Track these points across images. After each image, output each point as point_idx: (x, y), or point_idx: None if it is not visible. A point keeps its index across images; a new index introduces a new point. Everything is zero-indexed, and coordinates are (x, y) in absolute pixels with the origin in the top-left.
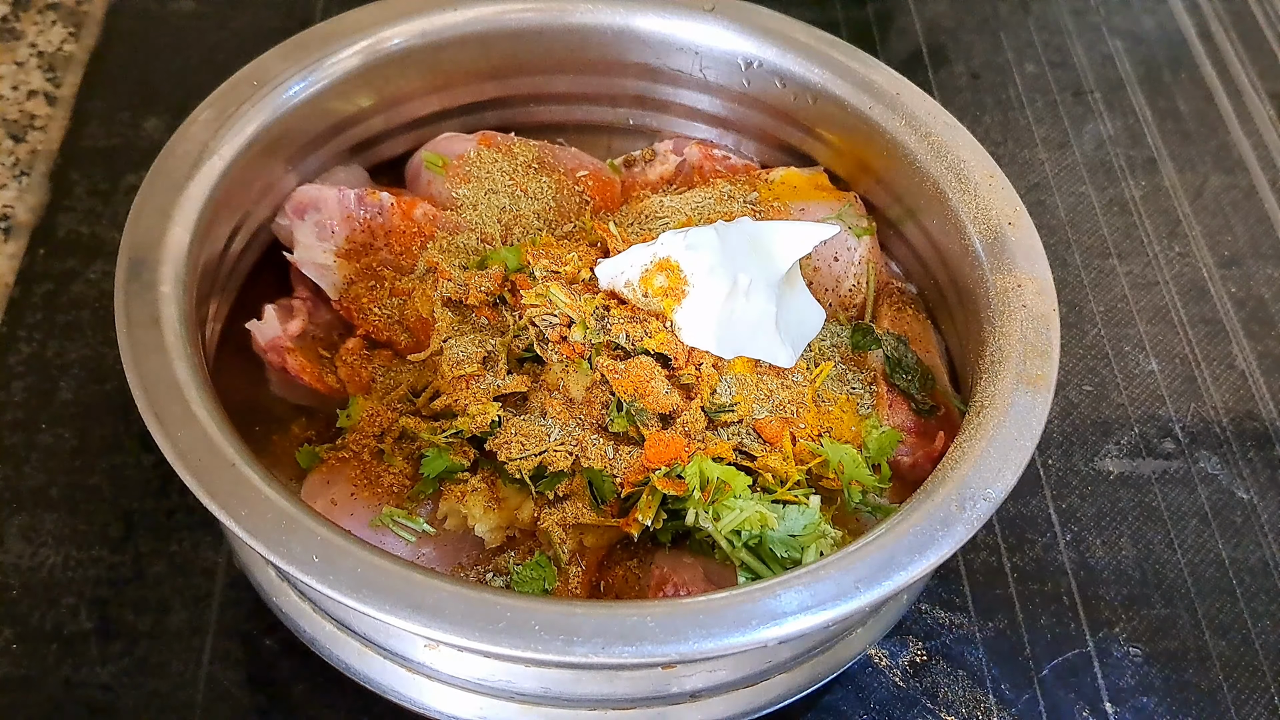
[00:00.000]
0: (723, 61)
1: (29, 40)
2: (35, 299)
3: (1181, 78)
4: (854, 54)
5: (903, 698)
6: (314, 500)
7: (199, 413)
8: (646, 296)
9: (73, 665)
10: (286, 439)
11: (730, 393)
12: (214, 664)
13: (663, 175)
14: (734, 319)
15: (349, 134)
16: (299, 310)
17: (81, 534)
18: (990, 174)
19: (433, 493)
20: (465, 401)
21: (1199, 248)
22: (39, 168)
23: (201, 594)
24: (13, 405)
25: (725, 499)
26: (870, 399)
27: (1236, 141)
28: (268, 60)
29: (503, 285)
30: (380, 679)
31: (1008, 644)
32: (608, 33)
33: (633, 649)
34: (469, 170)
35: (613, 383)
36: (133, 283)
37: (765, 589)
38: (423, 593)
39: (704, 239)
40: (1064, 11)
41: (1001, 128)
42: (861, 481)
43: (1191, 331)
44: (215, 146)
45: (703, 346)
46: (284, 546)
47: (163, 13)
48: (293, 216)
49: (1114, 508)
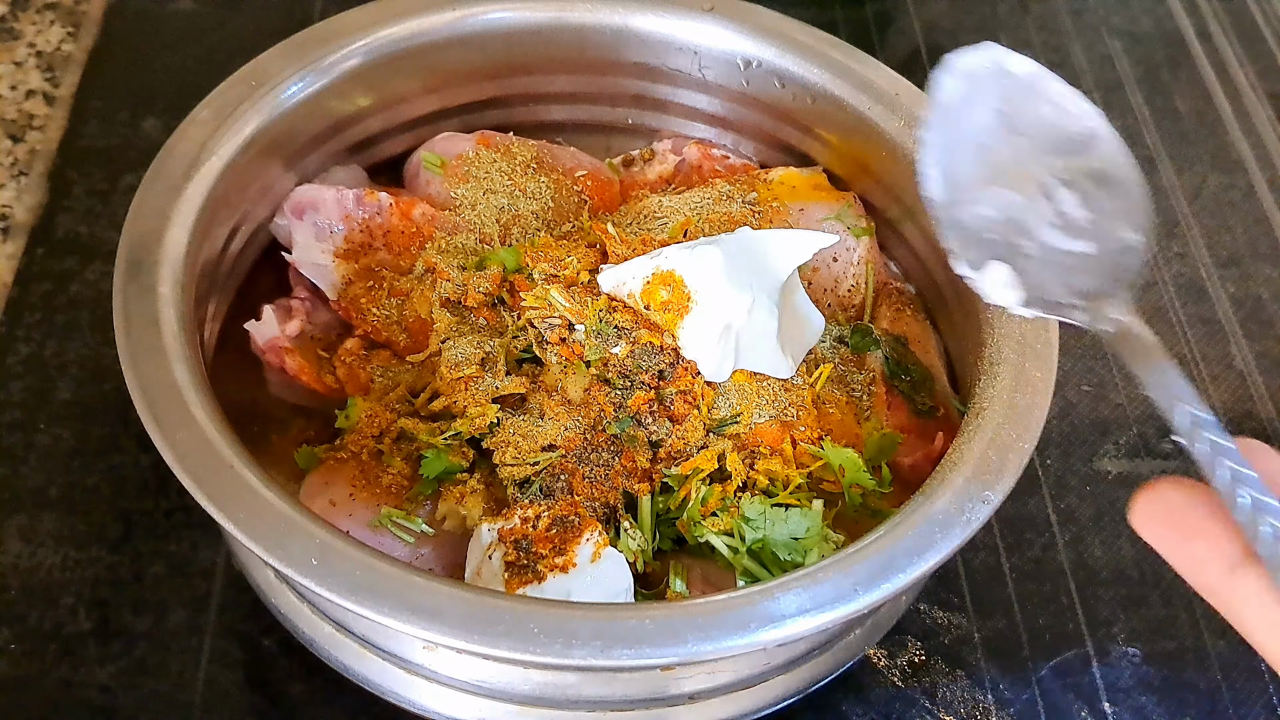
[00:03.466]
0: (722, 61)
1: (27, 40)
2: (33, 299)
3: (1180, 78)
4: (853, 54)
5: (901, 698)
6: (312, 501)
7: (197, 414)
8: (648, 309)
9: (71, 665)
10: (285, 439)
11: (730, 405)
12: (213, 664)
13: (661, 175)
14: (737, 338)
15: (347, 134)
16: (297, 311)
17: (80, 534)
18: None
19: (431, 493)
20: (464, 403)
21: (1197, 248)
22: (37, 168)
23: (200, 594)
24: (11, 405)
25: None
26: (869, 400)
27: (1235, 142)
28: (266, 60)
29: (501, 286)
30: (379, 680)
31: (1006, 644)
32: (606, 32)
33: (631, 652)
34: (467, 170)
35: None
36: (131, 283)
37: (764, 591)
38: (421, 595)
39: (709, 256)
40: (1063, 11)
41: None
42: (862, 485)
43: (1190, 331)
44: (214, 147)
45: (702, 368)
46: (282, 549)
47: (161, 13)
48: (291, 216)
49: (1113, 508)
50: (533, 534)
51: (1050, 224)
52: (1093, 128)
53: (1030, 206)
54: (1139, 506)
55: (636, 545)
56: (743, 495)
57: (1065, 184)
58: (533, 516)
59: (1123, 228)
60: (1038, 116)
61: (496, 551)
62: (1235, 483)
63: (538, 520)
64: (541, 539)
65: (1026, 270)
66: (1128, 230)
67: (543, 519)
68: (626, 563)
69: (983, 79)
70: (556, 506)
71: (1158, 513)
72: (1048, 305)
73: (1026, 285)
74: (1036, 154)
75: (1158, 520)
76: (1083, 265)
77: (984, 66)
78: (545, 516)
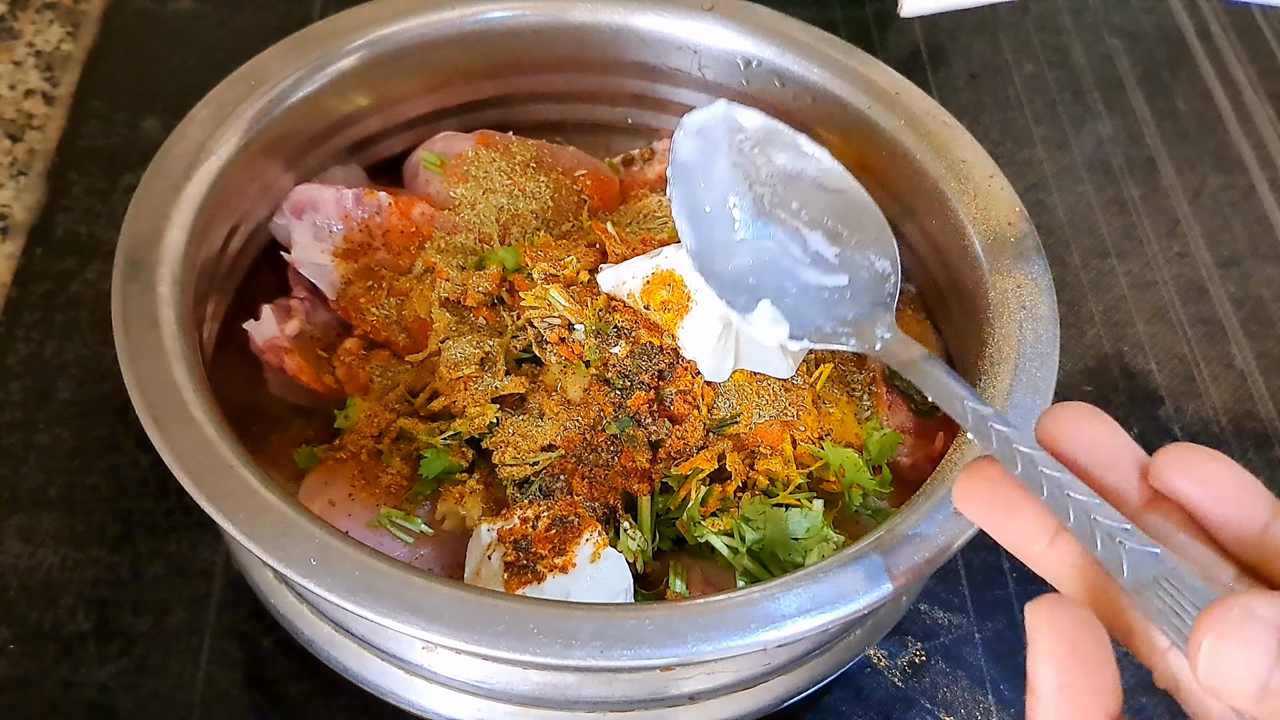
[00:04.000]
0: (721, 60)
1: (26, 39)
2: (33, 299)
3: (1180, 77)
4: (853, 53)
5: (902, 698)
6: (312, 501)
7: (196, 414)
8: (648, 309)
9: (70, 666)
10: (284, 439)
11: (730, 405)
12: (212, 665)
13: (661, 174)
14: (736, 338)
15: (347, 133)
16: (297, 310)
17: (79, 534)
18: (990, 174)
19: (431, 494)
20: (463, 403)
21: (1198, 248)
22: (36, 167)
23: (200, 595)
24: (10, 405)
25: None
26: (870, 400)
27: (1236, 141)
28: (265, 60)
29: (500, 285)
30: (378, 681)
31: (1007, 644)
32: (606, 31)
33: (631, 652)
34: (467, 170)
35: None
36: (130, 283)
37: (764, 592)
38: (420, 596)
39: None
40: (1063, 11)
41: (1000, 128)
42: (862, 484)
43: (1190, 331)
44: (213, 146)
45: (702, 368)
46: (281, 549)
47: (161, 12)
48: (290, 216)
49: None
50: (532, 534)
51: (804, 264)
52: (827, 168)
53: (783, 250)
54: (960, 488)
55: (636, 545)
56: (743, 495)
57: (811, 225)
58: (532, 517)
59: (870, 256)
60: (773, 166)
61: (496, 552)
62: (1030, 466)
63: (537, 520)
64: (541, 539)
65: (793, 308)
66: (875, 258)
67: (542, 519)
68: (626, 563)
69: (716, 135)
70: (556, 507)
71: (980, 492)
72: (819, 336)
73: (795, 320)
74: (779, 202)
75: (981, 499)
76: (840, 297)
77: (716, 123)
78: (545, 517)
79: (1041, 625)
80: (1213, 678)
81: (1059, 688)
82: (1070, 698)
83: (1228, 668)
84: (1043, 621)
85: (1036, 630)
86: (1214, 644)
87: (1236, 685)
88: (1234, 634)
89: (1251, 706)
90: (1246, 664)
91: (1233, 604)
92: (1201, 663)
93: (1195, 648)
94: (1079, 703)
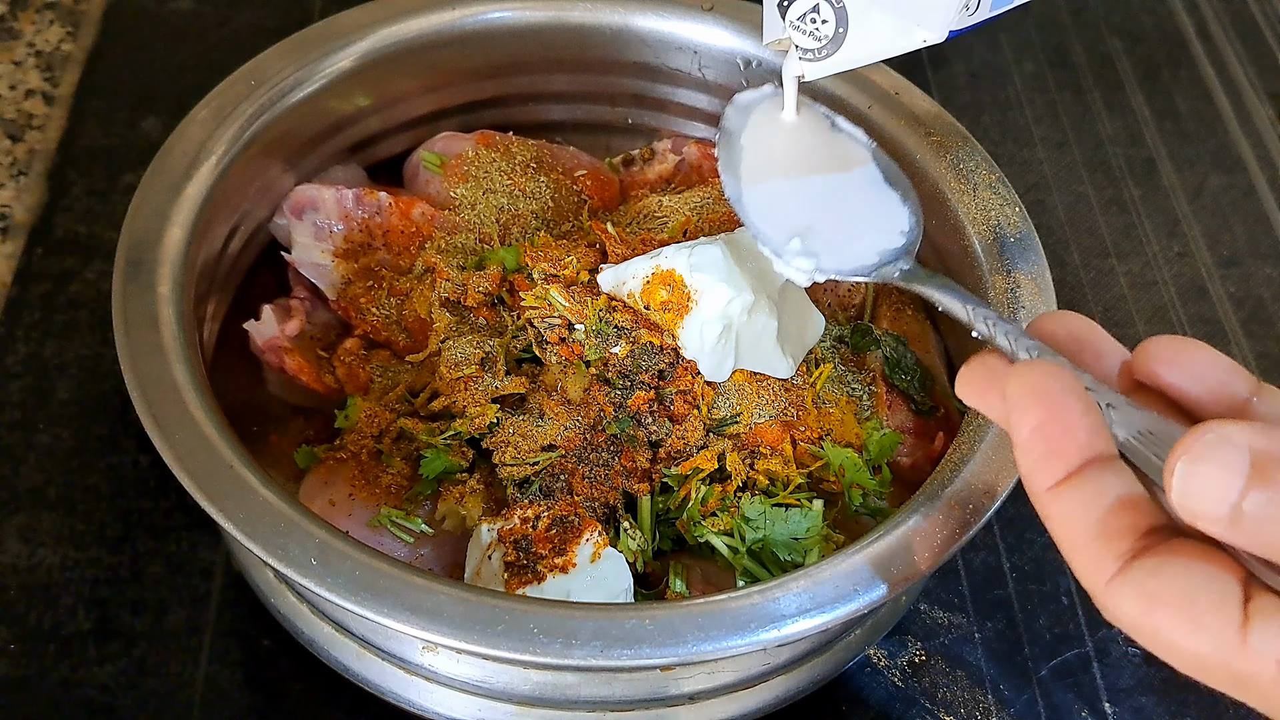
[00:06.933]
0: (721, 61)
1: (26, 39)
2: (33, 299)
3: (1180, 77)
4: None
5: (902, 698)
6: (312, 501)
7: (196, 414)
8: (648, 309)
9: (70, 665)
10: (284, 439)
11: (730, 405)
12: (212, 664)
13: (661, 174)
14: (737, 338)
15: (347, 133)
16: (297, 310)
17: (79, 534)
18: (990, 174)
19: (431, 493)
20: (464, 403)
21: (1198, 247)
22: (36, 167)
23: (200, 594)
24: (10, 405)
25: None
26: (870, 400)
27: (1235, 141)
28: (265, 59)
29: (501, 285)
30: (379, 680)
31: (1007, 644)
32: (606, 31)
33: (631, 652)
34: (467, 170)
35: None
36: (130, 283)
37: (764, 591)
38: (421, 595)
39: (709, 256)
40: (1063, 11)
41: (1000, 127)
42: (862, 484)
43: (1191, 331)
44: (213, 146)
45: (702, 368)
46: (281, 549)
47: (161, 12)
48: (290, 216)
49: None
50: (532, 534)
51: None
52: (864, 141)
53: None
54: (963, 375)
55: (636, 545)
56: (743, 495)
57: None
58: (532, 516)
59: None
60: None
61: (496, 551)
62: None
63: (537, 520)
64: (541, 539)
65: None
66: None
67: (542, 519)
68: (626, 563)
69: (757, 108)
70: (556, 506)
71: (979, 379)
72: (843, 272)
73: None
74: (814, 165)
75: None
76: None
77: (757, 100)
78: (545, 516)
79: (1014, 386)
80: (1185, 499)
81: (1031, 430)
82: (1041, 436)
83: (1199, 487)
84: (1014, 382)
85: (1011, 394)
86: (1187, 465)
87: (1209, 506)
88: (1206, 455)
89: (1225, 530)
90: (1218, 485)
91: (1207, 428)
92: (1175, 485)
93: (1169, 471)
94: (1049, 442)
